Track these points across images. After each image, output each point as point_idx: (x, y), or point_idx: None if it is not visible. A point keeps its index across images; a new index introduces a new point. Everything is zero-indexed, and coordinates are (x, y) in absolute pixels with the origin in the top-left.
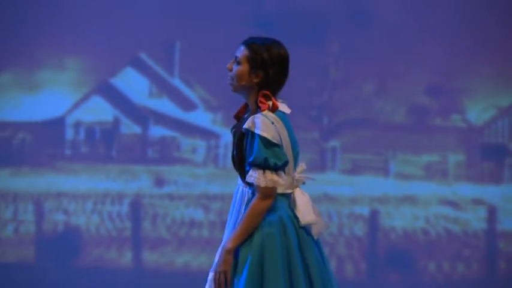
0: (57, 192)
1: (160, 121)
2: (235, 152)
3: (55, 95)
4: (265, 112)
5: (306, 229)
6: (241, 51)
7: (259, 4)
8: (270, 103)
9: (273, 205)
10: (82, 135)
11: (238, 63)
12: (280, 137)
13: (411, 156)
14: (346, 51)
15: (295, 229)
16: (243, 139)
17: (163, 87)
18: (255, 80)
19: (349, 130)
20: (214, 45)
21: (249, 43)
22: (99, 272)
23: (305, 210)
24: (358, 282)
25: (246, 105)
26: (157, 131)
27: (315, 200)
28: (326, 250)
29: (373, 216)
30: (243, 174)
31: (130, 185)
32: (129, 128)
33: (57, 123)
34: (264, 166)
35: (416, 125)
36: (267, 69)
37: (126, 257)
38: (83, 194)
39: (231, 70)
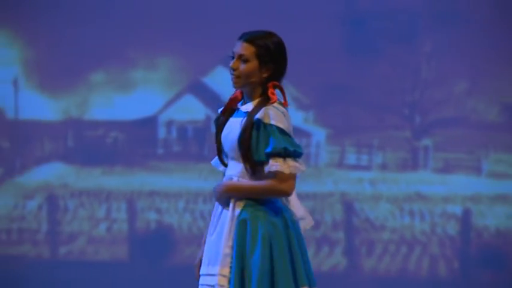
0: (149, 191)
1: None
2: (239, 142)
3: (147, 94)
4: (276, 104)
5: (297, 223)
6: (246, 49)
7: (352, 2)
8: (279, 96)
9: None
10: (174, 134)
11: (246, 60)
12: (290, 129)
13: (504, 154)
14: (438, 50)
15: (292, 222)
16: (250, 130)
17: None
18: (265, 75)
19: (441, 129)
20: (305, 44)
21: (252, 39)
22: (191, 270)
23: (297, 205)
24: (451, 282)
25: (236, 98)
26: None
27: (407, 199)
28: (418, 249)
29: (466, 215)
30: (250, 165)
31: None
32: None
33: (150, 122)
34: (284, 154)
35: (509, 124)
36: (277, 63)
37: None
38: (176, 193)
39: (236, 69)
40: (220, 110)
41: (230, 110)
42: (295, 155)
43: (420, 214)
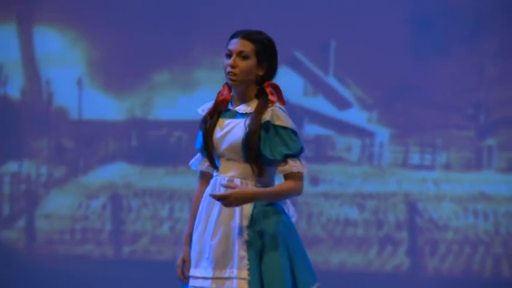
0: None
1: (315, 120)
2: (248, 145)
3: (211, 94)
4: (278, 104)
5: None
6: (246, 45)
7: (417, 1)
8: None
9: None
10: None
11: (245, 57)
12: None
13: None
14: (503, 48)
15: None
16: (259, 131)
17: (318, 86)
18: (260, 73)
19: (505, 128)
20: (370, 43)
21: (251, 37)
22: None
23: (290, 204)
24: None
25: (226, 99)
26: (312, 130)
27: (471, 198)
28: (482, 249)
29: None
30: (257, 166)
31: None
32: None
33: None
34: (299, 154)
35: None
36: (271, 62)
37: None
38: None
39: (236, 66)
40: (201, 111)
41: (218, 111)
42: (302, 153)
43: (484, 214)
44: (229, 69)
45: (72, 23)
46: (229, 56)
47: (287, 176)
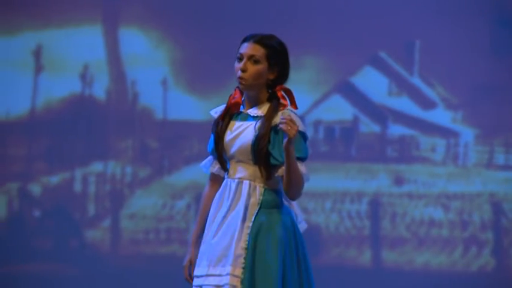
0: None
1: (400, 120)
2: (257, 147)
3: (294, 94)
4: (290, 107)
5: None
6: (257, 50)
7: (500, 0)
8: (288, 100)
9: (284, 200)
10: (321, 134)
11: (256, 61)
12: None
13: None
14: None
15: (297, 225)
16: (269, 134)
17: (403, 86)
18: (271, 77)
19: None
20: (454, 43)
21: (262, 40)
22: (339, 270)
23: (297, 208)
24: None
25: (237, 102)
26: (396, 130)
27: None
28: None
29: None
30: (266, 169)
31: (369, 184)
32: (368, 126)
33: None
34: (305, 159)
35: None
36: (283, 66)
37: (365, 256)
38: (322, 193)
39: (246, 70)
40: (216, 114)
41: (230, 113)
42: (307, 158)
43: None
44: (239, 73)
45: (157, 24)
46: (240, 59)
47: None
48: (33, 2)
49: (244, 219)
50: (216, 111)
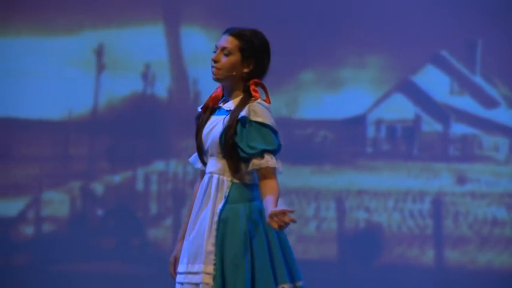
0: (358, 190)
1: (462, 119)
2: (223, 140)
3: (356, 93)
4: (259, 100)
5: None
6: (230, 42)
7: None
8: (263, 94)
9: (255, 194)
10: (383, 133)
11: (228, 53)
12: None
13: None
14: None
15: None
16: (235, 127)
17: (465, 85)
18: (246, 70)
19: None
20: None
21: (237, 33)
22: (401, 270)
23: (280, 201)
24: None
25: (217, 96)
26: (458, 129)
27: None
28: None
29: None
30: (233, 162)
31: (432, 183)
32: (430, 125)
33: (359, 121)
34: (275, 151)
35: None
36: (259, 59)
37: (428, 255)
38: (384, 192)
39: (217, 61)
40: (200, 108)
41: (211, 108)
42: (279, 152)
43: None
44: (212, 63)
45: (218, 22)
46: (214, 51)
47: (261, 172)
48: (95, 1)
49: (212, 215)
50: (201, 106)
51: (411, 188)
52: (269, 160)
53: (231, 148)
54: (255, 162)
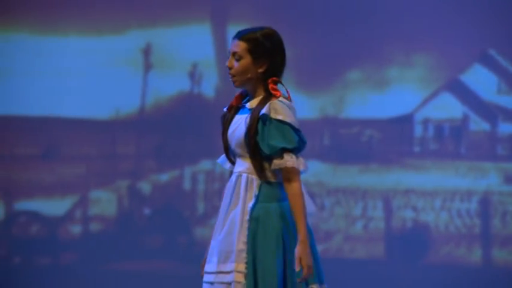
0: (405, 189)
1: (510, 118)
2: (247, 139)
3: (403, 92)
4: (281, 98)
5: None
6: (238, 46)
7: None
8: (283, 90)
9: (283, 193)
10: (431, 132)
11: (239, 57)
12: (297, 122)
13: None
14: None
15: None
16: (256, 126)
17: None
18: (261, 70)
19: None
20: None
21: (244, 36)
22: (448, 269)
23: (308, 201)
24: None
25: (241, 95)
26: (506, 128)
27: None
28: None
29: None
30: (257, 161)
31: (479, 182)
32: (478, 124)
33: (406, 121)
34: (296, 150)
35: None
36: (271, 57)
37: (476, 255)
38: (432, 191)
39: (231, 67)
40: (225, 108)
41: (236, 107)
42: (301, 151)
43: None
44: (228, 71)
45: (265, 21)
46: (229, 56)
47: (282, 172)
48: (143, 1)
49: (242, 214)
50: (227, 106)
51: (459, 187)
52: (288, 160)
53: (254, 148)
54: (276, 162)
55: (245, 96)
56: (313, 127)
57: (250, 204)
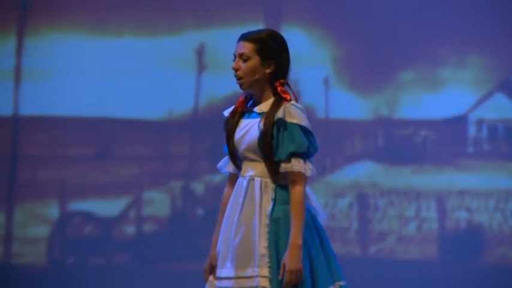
0: (459, 190)
1: None
2: (262, 144)
3: (457, 93)
4: (293, 102)
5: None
6: (245, 47)
7: None
8: (291, 93)
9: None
10: (484, 132)
11: (247, 58)
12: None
13: None
14: None
15: (316, 218)
16: (272, 130)
17: None
18: (268, 71)
19: None
20: None
21: (250, 37)
22: (502, 270)
23: (315, 201)
24: None
25: (245, 100)
26: None
27: None
28: None
29: None
30: (272, 165)
31: None
32: None
33: (459, 121)
34: (305, 155)
35: None
36: (278, 57)
37: None
38: (486, 192)
39: (238, 69)
40: (226, 113)
41: (240, 111)
42: (311, 156)
43: None
44: (234, 72)
45: (319, 23)
46: (234, 60)
47: (288, 175)
48: (195, 2)
49: (260, 218)
50: (228, 111)
51: None
52: (295, 164)
53: (270, 152)
54: (283, 166)
55: (248, 100)
56: (367, 128)
57: (268, 207)
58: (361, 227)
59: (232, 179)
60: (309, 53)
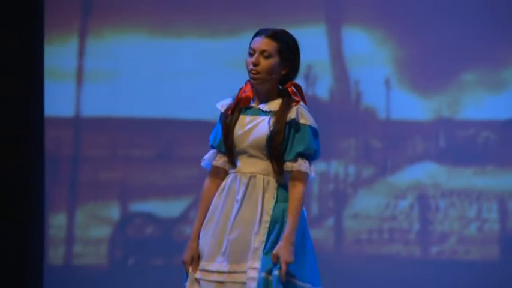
0: None
1: None
2: (273, 143)
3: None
4: (302, 103)
5: None
6: (269, 44)
7: None
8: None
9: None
10: None
11: (268, 56)
12: None
13: None
14: None
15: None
16: (284, 131)
17: None
18: (283, 72)
19: None
20: None
21: (275, 35)
22: None
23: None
24: None
25: (248, 96)
26: None
27: None
28: None
29: None
30: (278, 164)
31: None
32: None
33: None
34: (312, 157)
35: None
36: (294, 60)
37: None
38: None
39: (258, 64)
40: (222, 108)
41: (239, 108)
42: (317, 159)
43: None
44: (251, 67)
45: (380, 23)
46: (251, 54)
47: (292, 174)
48: (255, 3)
49: (261, 214)
50: (223, 105)
51: None
52: (302, 164)
53: (279, 151)
54: (288, 164)
55: (252, 98)
56: (429, 129)
57: (271, 205)
58: (422, 228)
59: (217, 173)
60: (370, 54)
